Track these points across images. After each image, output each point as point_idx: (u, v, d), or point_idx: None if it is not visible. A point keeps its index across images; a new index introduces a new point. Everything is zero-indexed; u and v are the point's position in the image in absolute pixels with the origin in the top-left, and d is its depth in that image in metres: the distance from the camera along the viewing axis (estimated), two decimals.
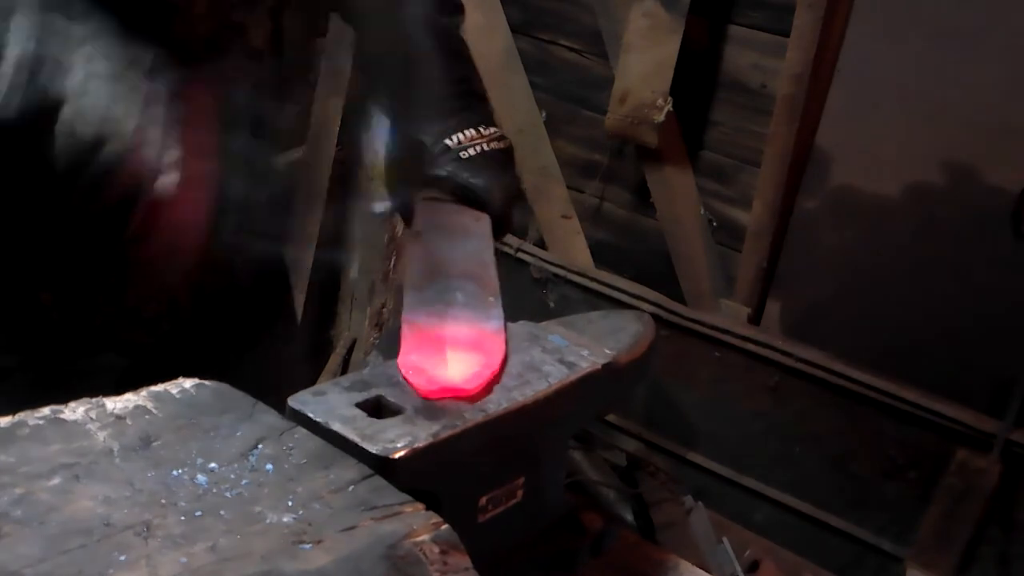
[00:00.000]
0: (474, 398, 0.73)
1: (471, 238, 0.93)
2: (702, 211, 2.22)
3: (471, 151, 0.97)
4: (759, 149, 2.08)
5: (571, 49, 2.35)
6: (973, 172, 1.88)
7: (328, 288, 2.76)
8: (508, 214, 0.99)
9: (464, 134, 0.97)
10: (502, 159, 0.99)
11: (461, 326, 0.80)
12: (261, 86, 0.98)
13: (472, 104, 1.02)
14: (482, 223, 0.95)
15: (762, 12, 2.04)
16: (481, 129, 0.99)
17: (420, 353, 0.75)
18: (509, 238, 2.41)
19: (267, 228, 1.13)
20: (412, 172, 0.99)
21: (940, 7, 1.84)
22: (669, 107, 2.10)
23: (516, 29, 2.39)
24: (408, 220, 0.99)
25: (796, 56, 1.96)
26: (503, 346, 0.79)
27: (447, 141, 0.97)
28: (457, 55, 1.08)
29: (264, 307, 1.16)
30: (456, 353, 0.76)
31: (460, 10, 1.11)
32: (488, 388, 0.74)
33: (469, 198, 0.96)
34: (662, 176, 2.23)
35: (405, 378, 0.73)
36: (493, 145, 0.98)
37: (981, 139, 1.85)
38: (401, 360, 0.74)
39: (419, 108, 1.00)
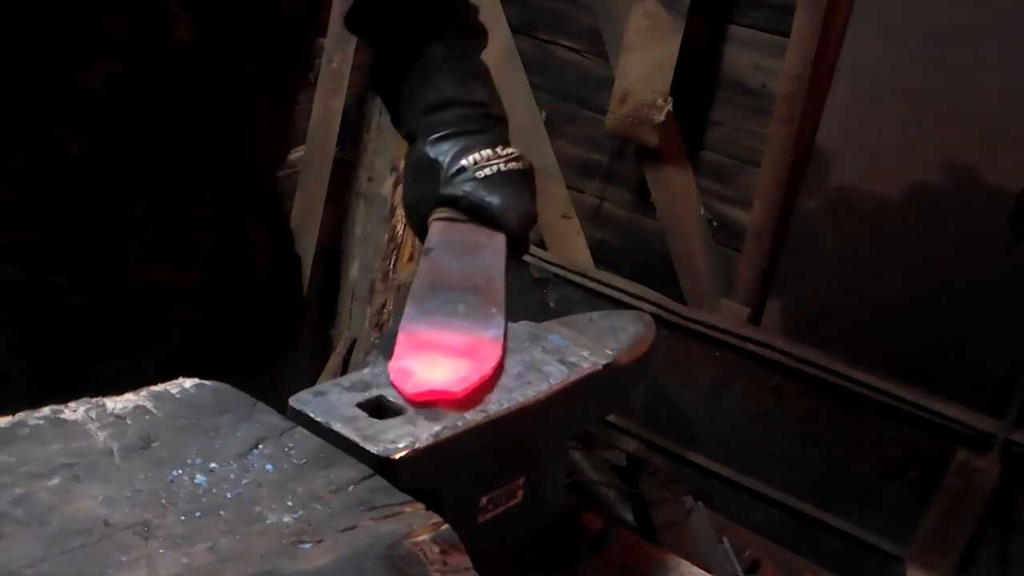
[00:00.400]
0: (461, 405, 0.72)
1: (482, 254, 0.92)
2: (702, 211, 2.22)
3: (487, 171, 0.96)
4: (759, 149, 2.08)
5: (571, 49, 2.35)
6: (973, 172, 1.88)
7: (328, 288, 2.76)
8: (525, 234, 0.98)
9: (480, 154, 0.97)
10: (519, 179, 0.99)
11: (455, 334, 0.79)
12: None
13: (489, 126, 1.02)
14: (496, 241, 0.95)
15: (762, 12, 2.04)
16: (498, 149, 0.99)
17: (410, 358, 0.75)
18: None
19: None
20: (427, 192, 0.99)
21: (940, 7, 1.84)
22: (669, 107, 2.10)
23: (516, 29, 2.39)
24: (424, 240, 0.99)
25: (796, 56, 1.95)
26: (499, 354, 0.78)
27: (463, 161, 0.97)
28: (476, 78, 1.08)
29: (279, 303, 1.16)
30: (445, 358, 0.75)
31: (482, 35, 1.12)
32: (477, 395, 0.73)
33: (485, 217, 0.96)
34: (662, 176, 2.23)
35: (392, 382, 0.72)
36: (511, 165, 0.98)
37: (981, 139, 1.85)
38: (391, 364, 0.74)
39: (435, 129, 1.01)
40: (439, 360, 0.75)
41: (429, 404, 0.71)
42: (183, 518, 0.53)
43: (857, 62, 1.94)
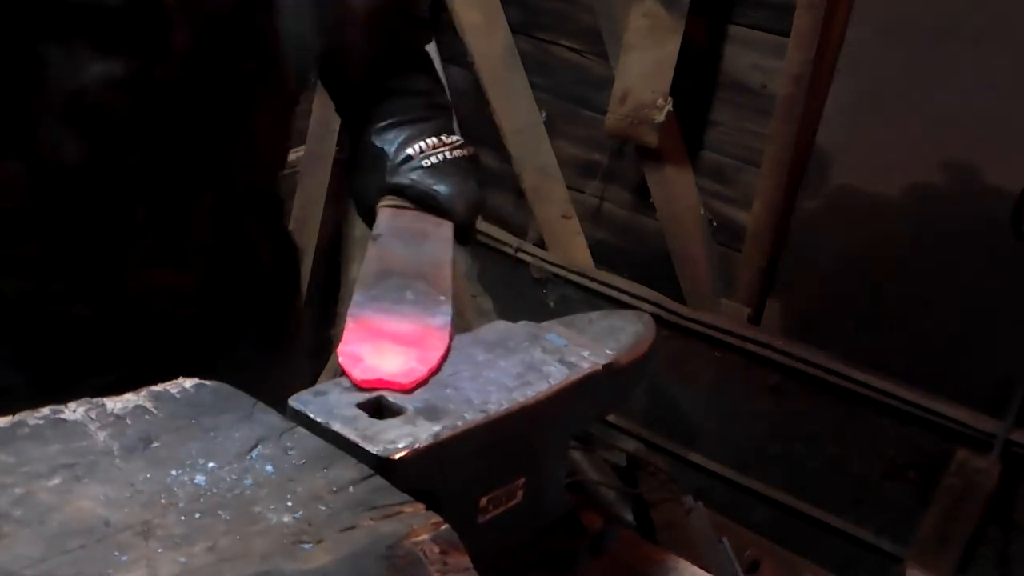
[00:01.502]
0: (408, 391, 0.72)
1: (429, 241, 0.93)
2: (702, 211, 2.22)
3: (433, 159, 0.98)
4: (759, 149, 2.08)
5: (571, 49, 2.35)
6: (973, 172, 1.88)
7: (328, 288, 2.76)
8: (471, 220, 0.99)
9: (426, 142, 0.98)
10: (465, 166, 1.00)
11: (403, 321, 0.80)
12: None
13: (434, 114, 1.03)
14: (443, 228, 0.96)
15: (762, 12, 2.04)
16: (443, 137, 1.00)
17: (359, 344, 0.75)
18: (509, 238, 2.41)
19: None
20: (374, 181, 0.99)
21: (940, 7, 1.84)
22: (669, 107, 2.10)
23: (516, 29, 2.39)
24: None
25: (796, 56, 1.95)
26: (446, 341, 0.79)
27: (408, 150, 0.98)
28: (420, 68, 1.09)
29: (279, 300, 1.17)
30: (393, 345, 0.76)
31: (427, 26, 1.13)
32: (423, 381, 0.74)
33: (432, 205, 0.96)
34: (662, 176, 2.23)
35: (341, 366, 0.73)
36: (456, 153, 0.99)
37: (981, 139, 1.85)
38: (340, 349, 0.74)
39: (380, 119, 1.01)
40: (388, 347, 0.75)
41: (376, 389, 0.72)
42: (183, 518, 0.53)
43: (857, 62, 1.94)
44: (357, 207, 1.05)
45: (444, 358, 0.77)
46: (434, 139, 0.99)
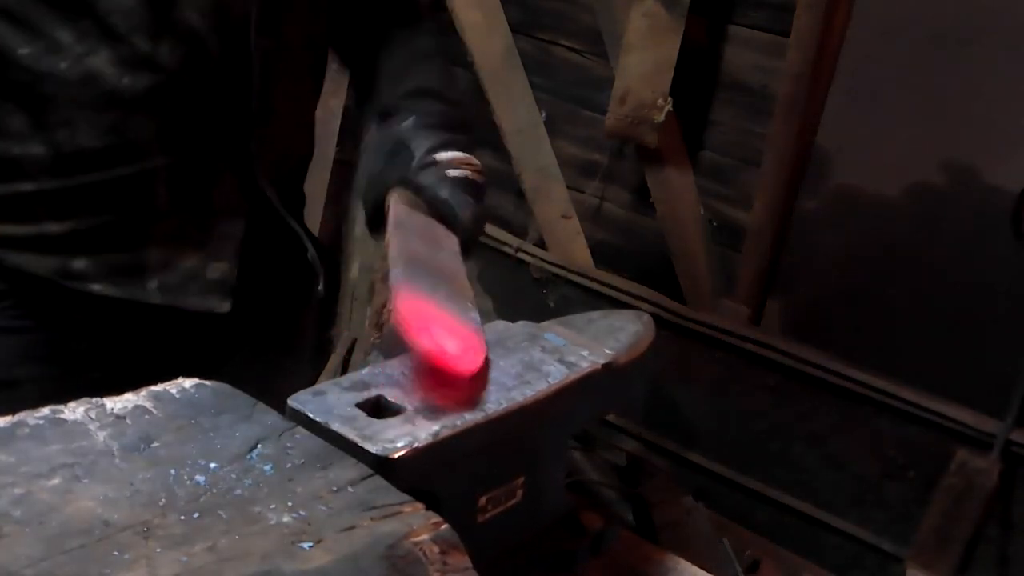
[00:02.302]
0: (465, 379, 0.72)
1: (443, 250, 0.94)
2: (702, 211, 2.22)
3: (457, 172, 0.99)
4: (759, 149, 2.08)
5: (571, 49, 2.35)
6: (973, 172, 1.88)
7: (328, 288, 2.76)
8: (473, 240, 1.00)
9: (454, 155, 1.00)
10: (478, 191, 1.02)
11: (446, 313, 0.80)
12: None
13: (465, 129, 1.05)
14: (451, 240, 0.97)
15: (762, 12, 2.04)
16: (470, 157, 1.02)
17: (419, 313, 0.75)
18: (509, 238, 2.41)
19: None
20: (394, 172, 1.00)
21: (939, 7, 1.84)
22: (669, 107, 2.10)
23: (516, 29, 2.39)
24: (375, 216, 1.01)
25: (796, 56, 1.95)
26: (484, 345, 0.79)
27: (436, 156, 0.99)
28: (454, 80, 1.11)
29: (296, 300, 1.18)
30: (445, 330, 0.76)
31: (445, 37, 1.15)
32: (473, 392, 0.73)
33: (443, 213, 0.97)
34: (662, 176, 2.23)
35: (401, 324, 0.72)
36: (475, 176, 1.01)
37: (981, 139, 1.85)
38: (399, 306, 0.74)
39: (416, 115, 1.03)
40: (441, 329, 0.75)
41: (433, 367, 0.71)
42: (183, 518, 0.53)
43: (857, 62, 1.94)
44: (366, 189, 1.05)
45: (485, 363, 0.77)
46: (462, 154, 1.01)
